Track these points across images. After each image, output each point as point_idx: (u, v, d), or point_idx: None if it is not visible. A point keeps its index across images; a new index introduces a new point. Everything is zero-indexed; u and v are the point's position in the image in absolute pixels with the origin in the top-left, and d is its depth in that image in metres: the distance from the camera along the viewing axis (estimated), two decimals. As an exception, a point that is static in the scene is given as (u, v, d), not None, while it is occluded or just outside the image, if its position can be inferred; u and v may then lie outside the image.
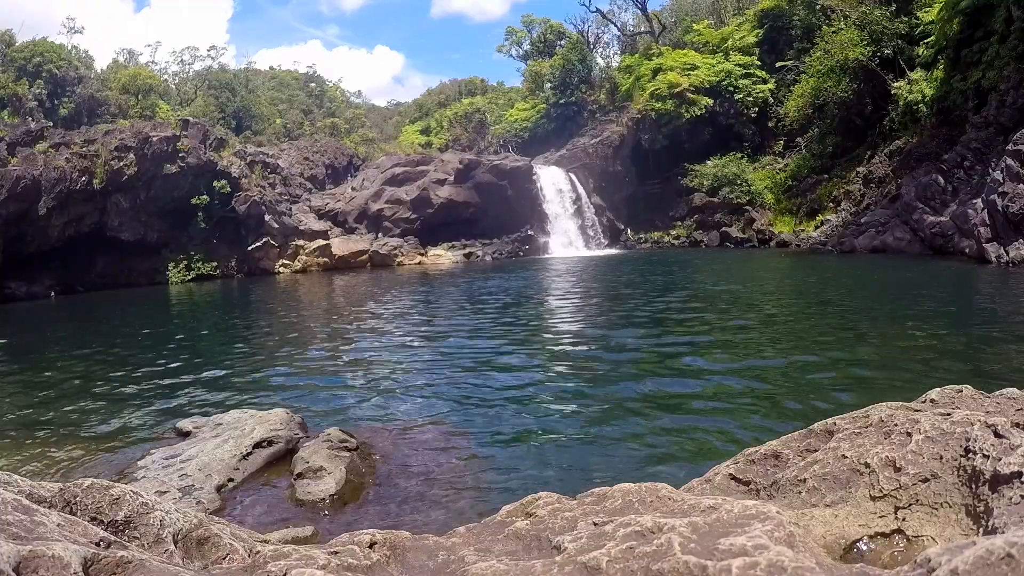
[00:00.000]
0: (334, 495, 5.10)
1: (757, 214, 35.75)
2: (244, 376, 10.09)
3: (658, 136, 39.82)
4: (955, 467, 1.78)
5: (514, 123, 51.83)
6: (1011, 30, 23.67)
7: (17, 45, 42.78)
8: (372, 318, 15.73)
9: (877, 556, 1.70)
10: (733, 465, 2.33)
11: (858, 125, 33.38)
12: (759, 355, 9.49)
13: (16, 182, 25.58)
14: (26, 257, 26.85)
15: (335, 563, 1.70)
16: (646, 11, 51.24)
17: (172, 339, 14.48)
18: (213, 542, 1.86)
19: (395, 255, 34.23)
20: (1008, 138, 20.40)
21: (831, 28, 32.22)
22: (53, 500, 1.87)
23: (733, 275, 21.23)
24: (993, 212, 19.23)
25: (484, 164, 37.54)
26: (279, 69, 76.52)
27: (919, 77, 29.36)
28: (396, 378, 9.35)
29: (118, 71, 49.94)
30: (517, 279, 23.47)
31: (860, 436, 2.08)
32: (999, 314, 11.57)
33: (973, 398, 2.31)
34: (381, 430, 6.81)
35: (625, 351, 10.25)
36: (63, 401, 8.85)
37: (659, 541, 1.57)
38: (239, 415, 6.80)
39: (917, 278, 17.16)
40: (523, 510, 2.17)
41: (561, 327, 13.30)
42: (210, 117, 45.45)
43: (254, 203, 32.29)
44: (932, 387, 2.44)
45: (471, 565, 1.71)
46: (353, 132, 58.08)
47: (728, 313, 13.39)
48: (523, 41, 58.32)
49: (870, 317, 11.93)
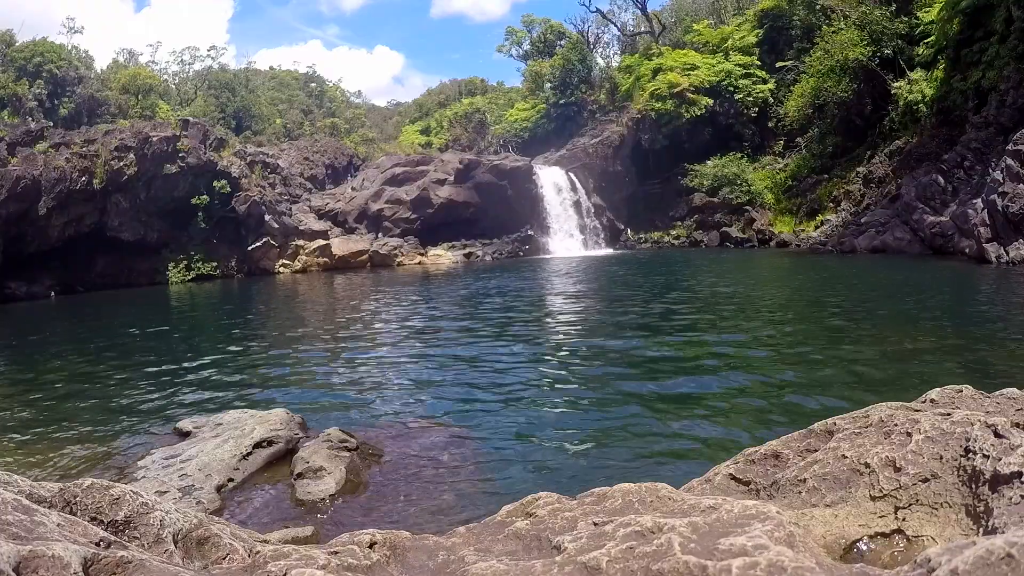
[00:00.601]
0: (334, 495, 5.10)
1: (757, 214, 35.75)
2: (244, 376, 10.09)
3: (658, 136, 39.82)
4: (955, 467, 1.78)
5: (514, 123, 51.83)
6: (1011, 30, 23.68)
7: (17, 45, 42.78)
8: (372, 318, 15.73)
9: (877, 556, 1.70)
10: (733, 465, 2.33)
11: (858, 125, 33.38)
12: (759, 355, 9.49)
13: (16, 182, 25.58)
14: (26, 257, 26.85)
15: (335, 563, 1.70)
16: (646, 11, 51.25)
17: (172, 339, 14.49)
18: (213, 542, 1.86)
19: (395, 255, 34.23)
20: (1008, 138, 20.40)
21: (831, 28, 32.22)
22: (53, 500, 1.87)
23: (733, 275, 21.22)
24: (993, 212, 19.23)
25: (484, 164, 37.54)
26: (279, 69, 76.56)
27: (919, 77, 29.36)
28: (396, 378, 9.35)
29: (118, 71, 49.94)
30: (517, 279, 23.47)
31: (860, 436, 2.08)
32: (999, 314, 11.57)
33: (973, 398, 2.31)
34: (381, 430, 6.82)
35: (625, 351, 10.25)
36: (63, 401, 8.86)
37: (659, 541, 1.57)
38: (239, 415, 6.80)
39: (917, 278, 17.16)
40: (523, 510, 2.17)
41: (561, 327, 13.30)
42: (210, 117, 45.46)
43: (254, 203, 32.29)
44: (932, 387, 2.44)
45: (471, 565, 1.71)
46: (353, 132, 58.09)
47: (728, 314, 13.39)
48: (523, 41, 58.34)
49: (870, 317, 11.93)
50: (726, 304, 14.55)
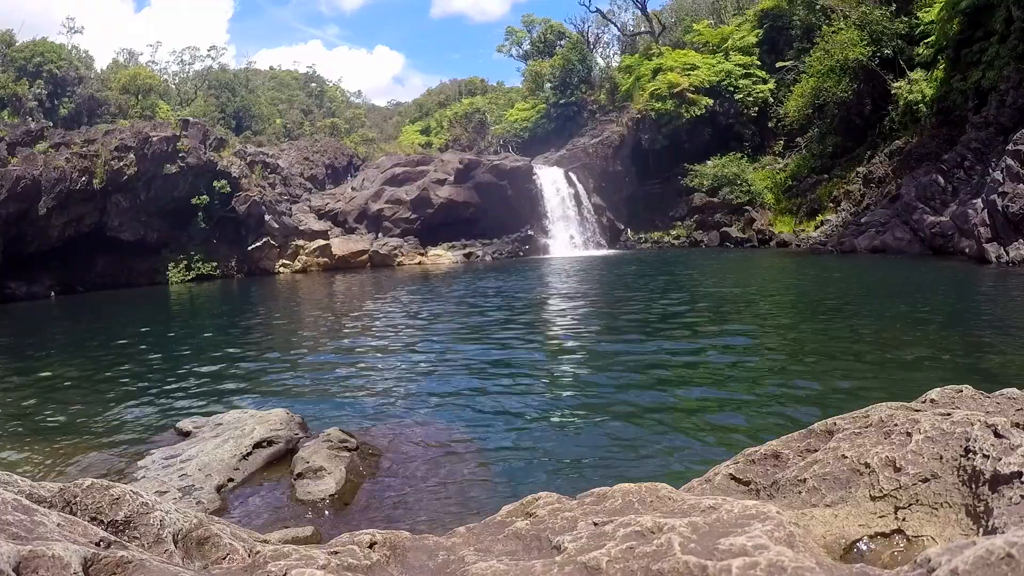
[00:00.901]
0: (334, 495, 5.10)
1: (757, 214, 35.75)
2: (244, 376, 10.09)
3: (658, 136, 39.82)
4: (955, 467, 1.78)
5: (514, 123, 51.82)
6: (1011, 30, 23.68)
7: (17, 45, 42.76)
8: (372, 318, 15.73)
9: (877, 556, 1.70)
10: (733, 465, 2.33)
11: (858, 125, 33.38)
12: (759, 355, 9.50)
13: (16, 182, 25.59)
14: (26, 257, 26.85)
15: (335, 563, 1.70)
16: (646, 11, 51.24)
17: (172, 339, 14.49)
18: (213, 542, 1.86)
19: (395, 255, 34.23)
20: (1008, 138, 20.40)
21: (831, 28, 32.21)
22: (53, 500, 1.87)
23: (733, 276, 21.23)
24: (993, 212, 19.23)
25: (484, 164, 37.54)
26: (279, 69, 76.52)
27: (919, 77, 29.36)
28: (396, 378, 9.35)
29: (118, 71, 49.92)
30: (517, 280, 23.47)
31: (860, 436, 2.08)
32: (999, 314, 11.57)
33: (973, 398, 2.31)
34: (381, 430, 6.81)
35: (625, 352, 10.25)
36: (63, 401, 8.85)
37: (659, 541, 1.57)
38: (239, 415, 6.80)
39: (917, 278, 17.16)
40: (523, 510, 2.17)
41: (561, 328, 13.30)
42: (210, 117, 45.45)
43: (254, 203, 32.29)
44: (932, 387, 2.44)
45: (471, 565, 1.71)
46: (353, 132, 58.07)
47: (728, 314, 13.40)
48: (523, 41, 58.32)
49: (870, 317, 11.93)
50: (726, 304, 14.55)
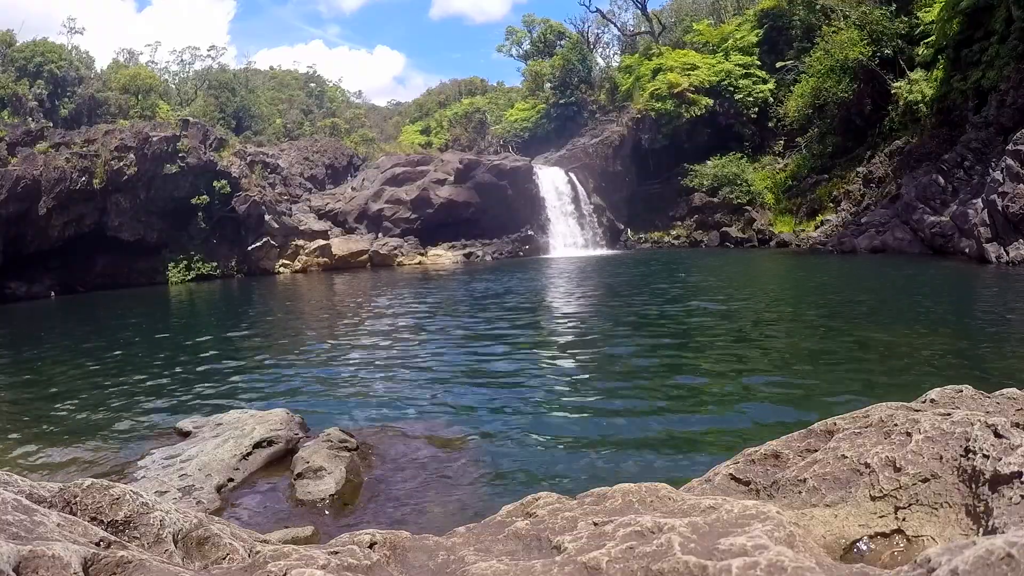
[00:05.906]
0: (334, 495, 5.10)
1: (757, 214, 35.74)
2: (244, 376, 10.09)
3: (658, 136, 39.81)
4: (955, 467, 1.78)
5: (514, 123, 51.80)
6: (1011, 30, 23.67)
7: (18, 45, 42.76)
8: (372, 318, 15.72)
9: (877, 556, 1.70)
10: (733, 465, 2.33)
11: (858, 125, 33.38)
12: (759, 355, 9.49)
13: (16, 182, 25.59)
14: (26, 257, 26.86)
15: (335, 563, 1.70)
16: (646, 11, 51.23)
17: (172, 339, 14.48)
18: (213, 542, 1.86)
19: (395, 255, 34.23)
20: (1008, 138, 20.40)
21: (831, 28, 32.21)
22: (53, 500, 1.87)
23: (733, 276, 21.22)
24: (993, 212, 19.23)
25: (484, 164, 37.53)
26: (279, 69, 76.40)
27: (919, 77, 29.35)
28: (396, 378, 9.35)
29: (118, 71, 49.88)
30: (517, 279, 23.46)
31: (860, 436, 2.08)
32: (999, 314, 11.56)
33: (973, 398, 2.31)
34: (381, 430, 6.81)
35: (625, 352, 10.25)
36: (63, 401, 8.85)
37: (659, 541, 1.57)
38: (239, 415, 6.80)
39: (917, 278, 17.16)
40: (523, 510, 2.17)
41: (561, 328, 13.30)
42: (210, 117, 45.42)
43: (254, 203, 32.28)
44: (932, 387, 2.44)
45: (471, 565, 1.71)
46: (353, 132, 57.99)
47: (728, 314, 13.39)
48: (523, 41, 58.26)
49: (870, 317, 11.93)
50: (726, 305, 14.54)
